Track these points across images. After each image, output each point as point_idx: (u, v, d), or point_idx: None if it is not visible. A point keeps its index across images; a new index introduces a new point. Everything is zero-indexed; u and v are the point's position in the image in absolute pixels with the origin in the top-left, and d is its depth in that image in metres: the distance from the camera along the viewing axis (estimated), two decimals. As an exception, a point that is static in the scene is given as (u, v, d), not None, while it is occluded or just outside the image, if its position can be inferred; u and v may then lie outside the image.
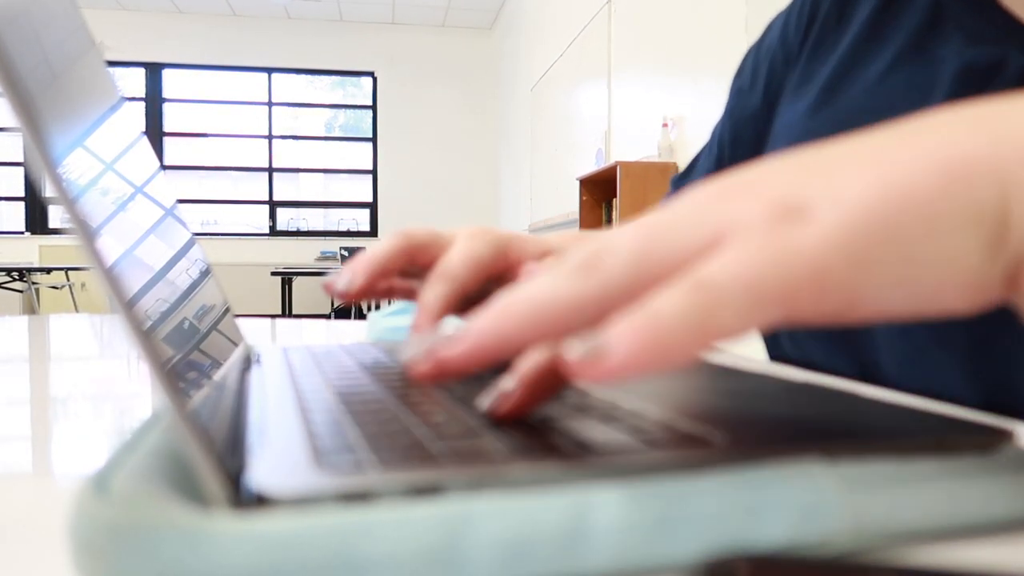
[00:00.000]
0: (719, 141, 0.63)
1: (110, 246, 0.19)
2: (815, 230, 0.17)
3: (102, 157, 0.24)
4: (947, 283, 0.18)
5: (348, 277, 0.39)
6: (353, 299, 0.39)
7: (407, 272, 0.42)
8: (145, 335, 0.16)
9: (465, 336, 0.20)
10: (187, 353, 0.23)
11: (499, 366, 0.21)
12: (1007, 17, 0.44)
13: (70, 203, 0.16)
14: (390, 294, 0.43)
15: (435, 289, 0.38)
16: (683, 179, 0.68)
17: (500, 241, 0.40)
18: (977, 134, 0.18)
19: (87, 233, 0.16)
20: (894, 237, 0.17)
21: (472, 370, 0.20)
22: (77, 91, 0.24)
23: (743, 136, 0.60)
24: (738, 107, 0.61)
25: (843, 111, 0.49)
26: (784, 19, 0.58)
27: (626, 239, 0.19)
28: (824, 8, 0.54)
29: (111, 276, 0.16)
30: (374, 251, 0.40)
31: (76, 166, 0.19)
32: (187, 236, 0.35)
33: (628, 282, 0.19)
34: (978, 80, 0.43)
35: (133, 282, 0.20)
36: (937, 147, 0.18)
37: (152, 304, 0.21)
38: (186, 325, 0.25)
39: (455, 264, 0.39)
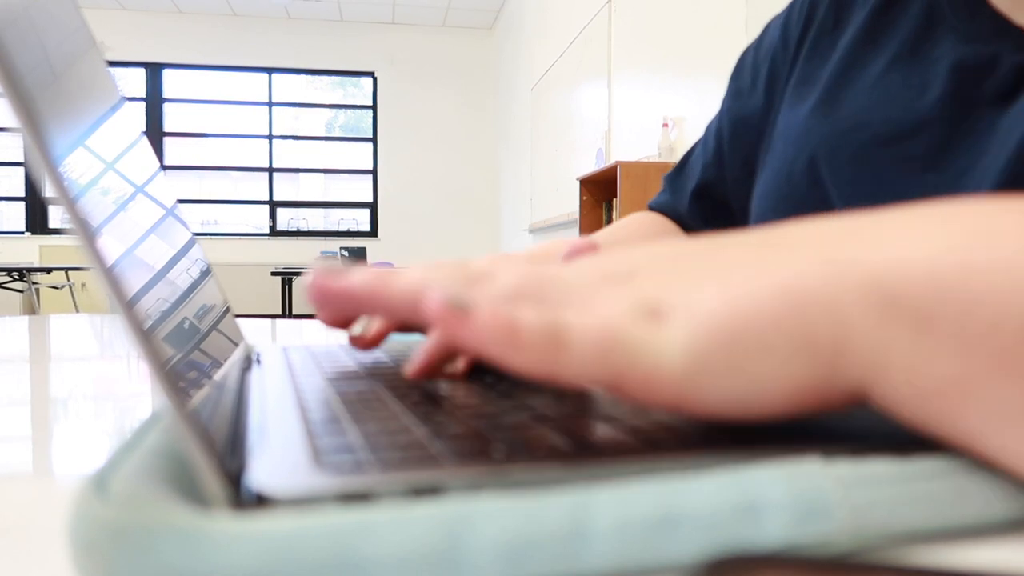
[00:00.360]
0: (717, 139, 0.63)
1: (110, 246, 0.19)
2: (664, 334, 0.19)
3: (102, 157, 0.24)
4: (773, 398, 0.19)
5: (363, 323, 0.36)
6: (366, 346, 0.36)
7: None
8: (145, 335, 0.16)
9: (347, 279, 0.23)
10: (187, 353, 0.23)
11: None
12: (999, 19, 0.44)
13: (70, 203, 0.16)
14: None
15: None
16: (677, 176, 0.68)
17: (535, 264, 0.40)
18: (822, 262, 0.20)
19: (87, 233, 0.16)
20: (728, 353, 0.19)
21: (337, 308, 0.24)
22: (77, 91, 0.24)
23: (744, 136, 0.60)
24: (737, 107, 0.61)
25: (844, 111, 0.49)
26: (784, 20, 0.59)
27: (512, 274, 0.22)
28: (821, 11, 0.55)
29: (111, 276, 0.16)
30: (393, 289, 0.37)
31: (76, 166, 0.19)
32: (187, 236, 0.35)
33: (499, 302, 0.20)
34: (971, 75, 0.44)
35: (133, 282, 0.20)
36: (784, 275, 0.20)
37: (152, 304, 0.21)
38: (186, 325, 0.25)
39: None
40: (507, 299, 0.21)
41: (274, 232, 6.84)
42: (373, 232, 7.00)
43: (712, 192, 0.64)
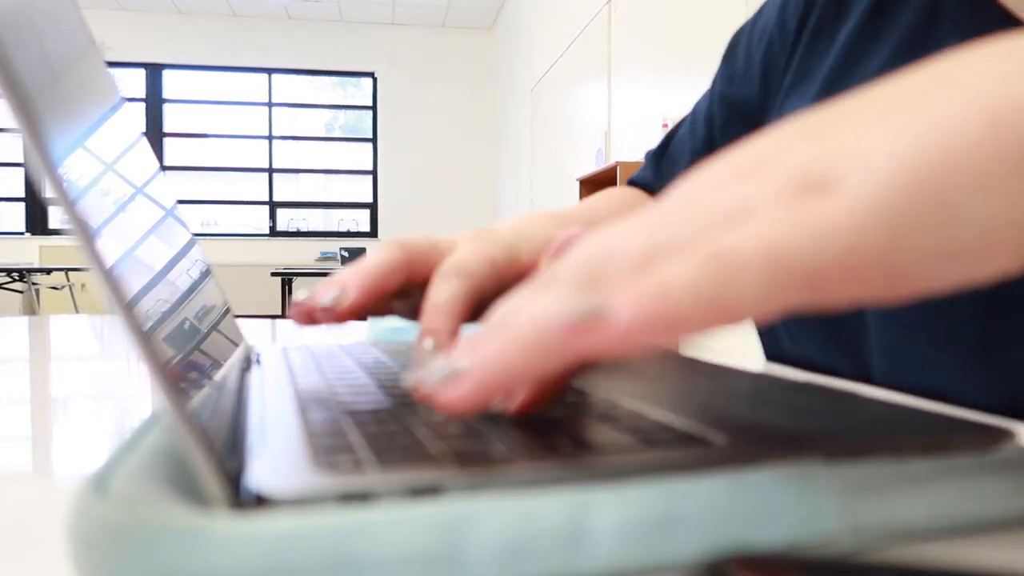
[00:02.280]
0: (708, 125, 0.61)
1: (110, 247, 0.19)
2: (844, 204, 0.15)
3: (102, 158, 0.24)
4: (998, 243, 0.16)
5: (335, 293, 0.31)
6: (342, 319, 0.31)
7: (404, 291, 0.35)
8: (145, 336, 0.16)
9: (468, 374, 0.18)
10: (187, 353, 0.23)
11: None
12: (1004, 15, 0.44)
13: (69, 204, 0.16)
14: (387, 312, 0.36)
15: (447, 286, 0.32)
16: (660, 155, 0.65)
17: (509, 242, 0.35)
18: (1016, 70, 0.16)
19: (87, 234, 0.16)
20: (936, 199, 0.15)
21: (479, 409, 0.18)
22: (77, 91, 0.24)
23: (737, 119, 0.59)
24: (730, 90, 0.60)
25: None
26: (782, 3, 0.57)
27: (630, 241, 0.17)
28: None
29: (111, 277, 0.16)
30: (367, 263, 0.33)
31: (76, 167, 0.19)
32: (187, 237, 0.35)
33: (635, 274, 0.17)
34: None
35: (133, 283, 0.20)
36: (977, 90, 0.16)
37: (152, 305, 0.21)
38: (186, 325, 0.25)
39: (468, 259, 0.33)
40: (643, 268, 0.16)
41: (274, 232, 6.84)
42: (373, 232, 6.99)
43: None
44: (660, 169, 0.65)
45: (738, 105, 0.59)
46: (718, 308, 0.15)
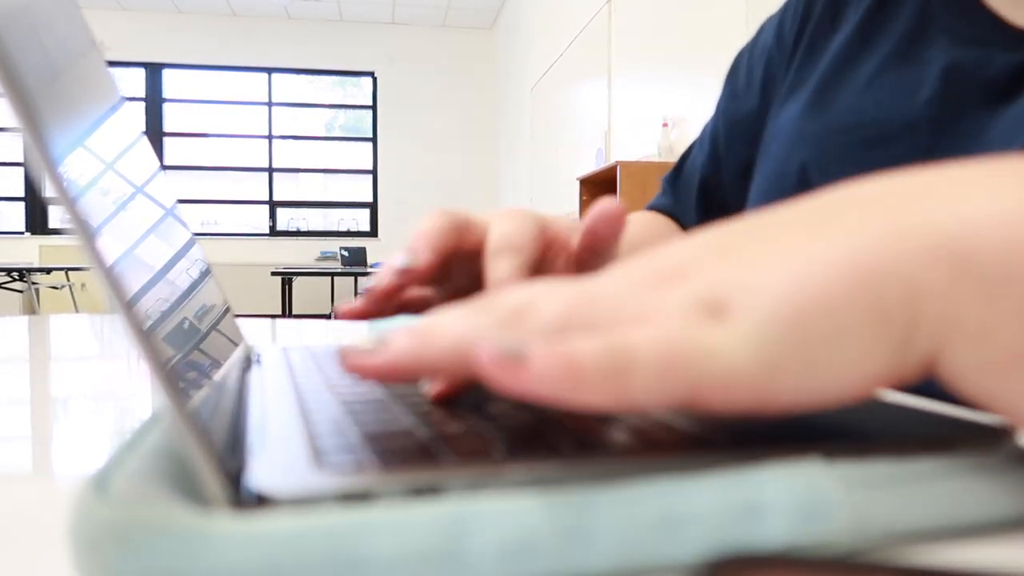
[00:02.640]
0: (713, 141, 0.63)
1: (110, 246, 0.19)
2: (729, 332, 0.18)
3: (102, 157, 0.24)
4: (853, 382, 0.18)
5: (410, 255, 0.33)
6: (421, 280, 0.33)
7: (443, 274, 0.36)
8: (145, 335, 0.16)
9: (385, 351, 0.20)
10: (187, 353, 0.23)
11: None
12: (992, 18, 0.44)
13: (70, 203, 0.16)
14: (401, 309, 0.37)
15: (503, 263, 0.33)
16: (675, 178, 0.67)
17: (539, 218, 0.37)
18: (887, 229, 0.19)
19: (87, 233, 0.16)
20: (803, 342, 0.18)
21: (384, 381, 0.21)
22: (77, 91, 0.23)
23: (739, 136, 0.60)
24: (732, 108, 0.61)
25: (834, 113, 0.49)
26: (779, 19, 0.59)
27: (555, 299, 0.20)
28: (818, 9, 0.55)
29: (111, 276, 0.16)
30: (426, 227, 0.35)
31: (76, 166, 0.19)
32: (187, 236, 0.35)
33: (550, 338, 0.19)
34: (963, 77, 0.43)
35: (133, 282, 0.20)
36: (847, 249, 0.19)
37: (152, 304, 0.21)
38: (186, 325, 0.25)
39: (514, 234, 0.34)
40: (558, 332, 0.19)
41: (274, 232, 6.84)
42: (373, 232, 7.00)
43: (712, 197, 0.63)
44: (676, 191, 0.67)
45: (740, 121, 0.60)
46: (615, 389, 0.17)
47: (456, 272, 0.37)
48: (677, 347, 0.18)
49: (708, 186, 0.63)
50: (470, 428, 0.22)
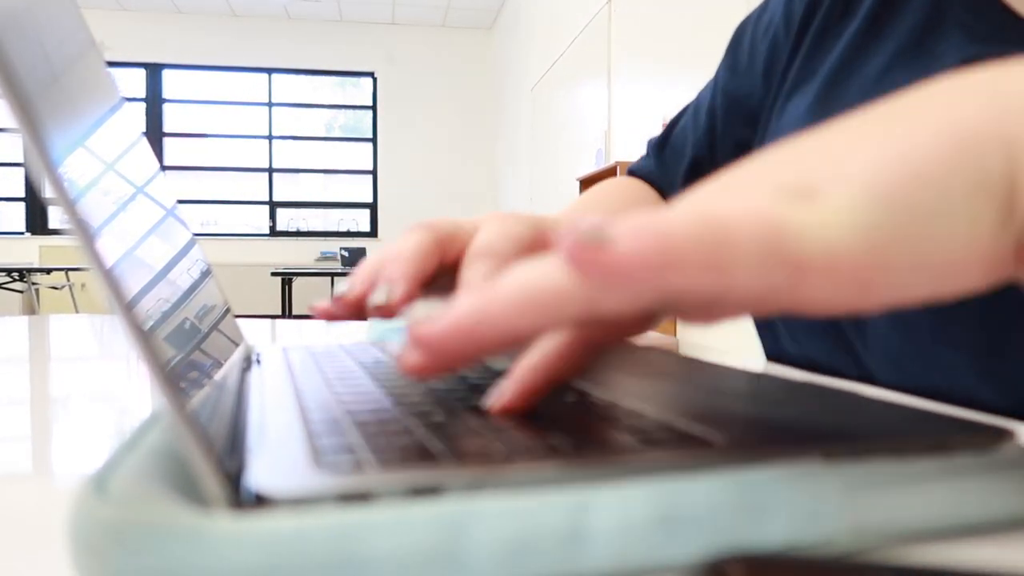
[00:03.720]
0: (710, 116, 0.61)
1: (110, 247, 0.19)
2: (826, 211, 0.17)
3: (102, 157, 0.24)
4: (962, 258, 0.17)
5: (385, 289, 0.31)
6: (395, 313, 0.31)
7: (432, 278, 0.34)
8: (144, 336, 0.16)
9: (445, 316, 0.19)
10: (187, 353, 0.23)
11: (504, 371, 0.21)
12: (1007, 14, 0.43)
13: (70, 204, 0.16)
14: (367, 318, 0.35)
15: (478, 267, 0.32)
16: (662, 145, 0.65)
17: (533, 220, 0.35)
18: (982, 101, 0.18)
19: (87, 234, 0.16)
20: (907, 214, 0.17)
21: (455, 355, 0.19)
22: (77, 91, 0.24)
23: (738, 114, 0.59)
24: (733, 84, 0.59)
25: (842, 109, 0.48)
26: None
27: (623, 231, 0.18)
28: None
29: (111, 277, 0.16)
30: (402, 250, 0.32)
31: (76, 167, 0.19)
32: (187, 236, 0.35)
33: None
34: None
35: (133, 283, 0.20)
36: (943, 118, 0.17)
37: (152, 304, 0.21)
38: (187, 325, 0.25)
39: (495, 239, 0.33)
40: (646, 214, 0.17)
41: (274, 232, 6.84)
42: (373, 232, 6.99)
43: (703, 172, 0.61)
44: (663, 159, 0.65)
45: (740, 99, 0.59)
46: (713, 266, 0.16)
47: (441, 280, 0.35)
48: (776, 224, 0.16)
49: (701, 165, 0.61)
50: (470, 428, 0.22)
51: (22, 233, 6.35)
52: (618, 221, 0.16)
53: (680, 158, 0.63)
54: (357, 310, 0.32)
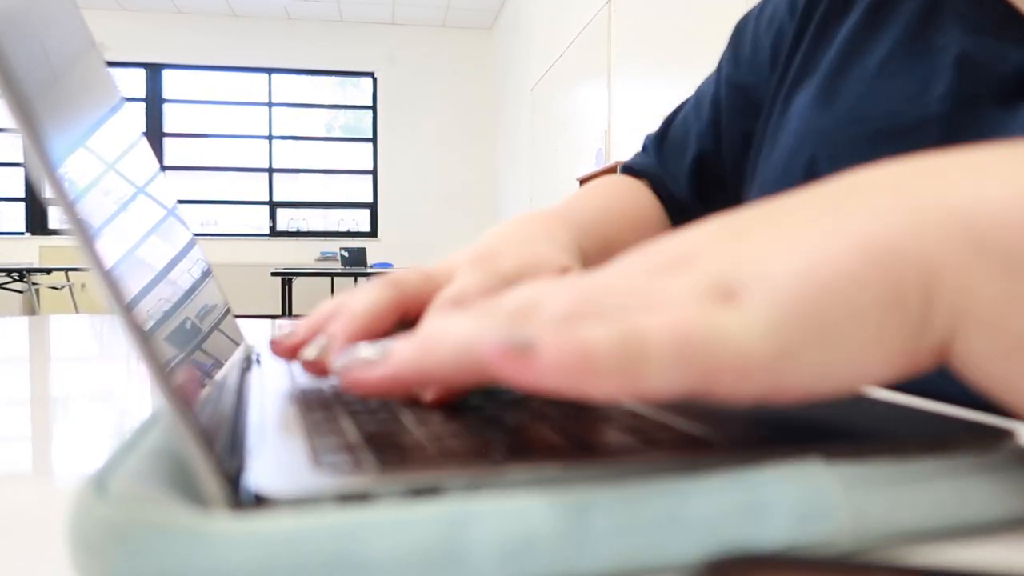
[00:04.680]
0: (714, 108, 0.60)
1: (110, 248, 0.19)
2: (743, 316, 0.18)
3: (102, 158, 0.24)
4: (869, 365, 0.18)
5: (321, 343, 0.30)
6: (322, 371, 0.30)
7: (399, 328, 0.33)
8: (144, 336, 0.16)
9: (386, 363, 0.20)
10: (188, 353, 0.23)
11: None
12: (1005, 6, 0.43)
13: (69, 205, 0.16)
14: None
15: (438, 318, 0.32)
16: (661, 139, 0.64)
17: (511, 275, 0.35)
18: (900, 213, 0.18)
19: (87, 235, 0.16)
20: (817, 322, 0.17)
21: (386, 395, 0.20)
22: (77, 91, 0.24)
23: (744, 106, 0.58)
24: (737, 75, 0.59)
25: (843, 104, 0.48)
26: None
27: (560, 295, 0.19)
28: None
29: (110, 279, 0.16)
30: (355, 308, 0.31)
31: (76, 167, 0.19)
32: (188, 237, 0.35)
33: (559, 327, 0.18)
34: (977, 72, 0.42)
35: (133, 283, 0.20)
36: (862, 229, 0.18)
37: (152, 305, 0.21)
38: (187, 326, 0.25)
39: (466, 292, 0.32)
40: (567, 323, 0.18)
41: (274, 232, 6.84)
42: (373, 232, 6.99)
43: (708, 165, 0.60)
44: (663, 154, 0.64)
45: (746, 90, 0.58)
46: (628, 378, 0.17)
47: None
48: (691, 332, 0.17)
49: (706, 158, 0.60)
50: (469, 428, 0.22)
51: (22, 233, 6.35)
52: (545, 322, 0.17)
53: (683, 152, 0.62)
54: (292, 356, 0.31)
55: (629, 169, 0.66)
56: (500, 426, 0.22)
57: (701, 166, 0.61)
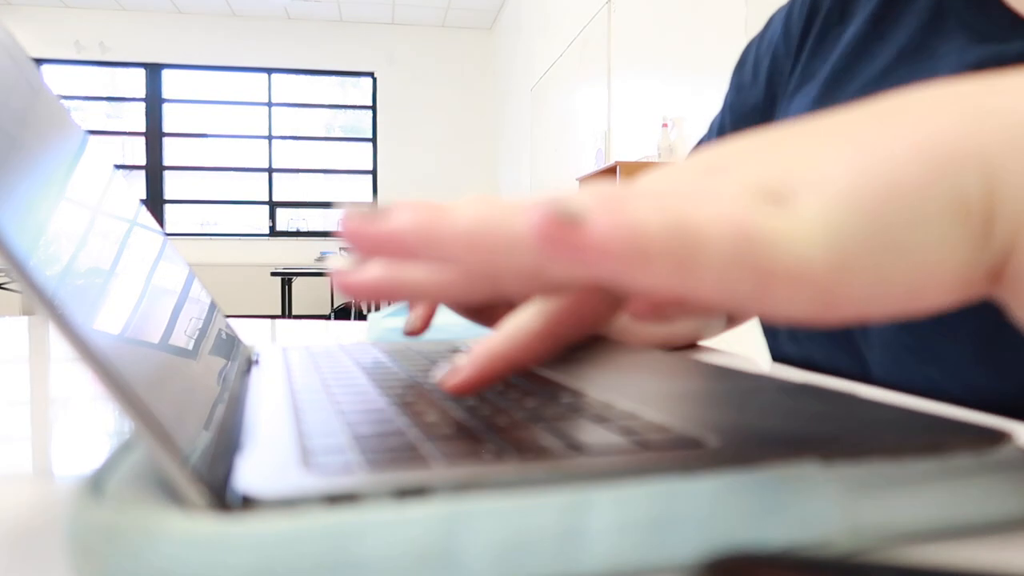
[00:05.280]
0: (719, 133, 0.62)
1: (78, 309, 0.19)
2: (796, 218, 0.16)
3: (75, 212, 0.22)
4: (930, 279, 0.17)
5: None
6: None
7: None
8: (101, 362, 0.16)
9: (388, 220, 0.18)
10: (163, 357, 0.23)
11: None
12: (1010, 14, 0.43)
13: (38, 291, 0.15)
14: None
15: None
16: None
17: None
18: (963, 117, 0.17)
19: (42, 297, 0.15)
20: (877, 229, 0.16)
21: (386, 256, 0.18)
22: (37, 147, 0.22)
23: (747, 127, 0.60)
24: (739, 101, 0.61)
25: (843, 106, 0.48)
26: (787, 12, 0.58)
27: (590, 201, 0.17)
28: (826, 3, 0.54)
29: (85, 345, 0.15)
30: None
31: (53, 230, 0.19)
32: (158, 241, 0.34)
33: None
34: (980, 71, 0.42)
35: (105, 331, 0.20)
36: (922, 132, 0.17)
37: (129, 348, 0.21)
38: (162, 329, 0.25)
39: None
40: (618, 201, 0.16)
41: (274, 232, 6.83)
42: (373, 232, 6.98)
43: None
44: None
45: (746, 113, 0.60)
46: (682, 269, 0.16)
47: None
48: (749, 229, 0.16)
49: None
50: (460, 429, 0.22)
51: (22, 233, 6.34)
52: (591, 199, 0.16)
53: None
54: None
55: None
56: (493, 427, 0.22)
57: None
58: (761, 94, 0.58)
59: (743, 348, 0.59)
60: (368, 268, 0.19)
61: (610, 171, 3.24)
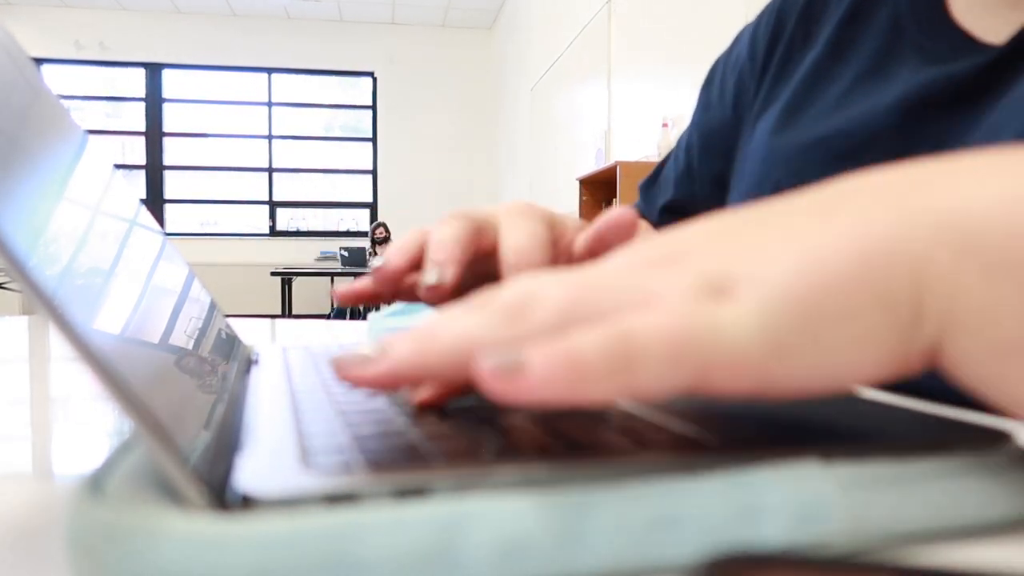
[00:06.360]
0: (686, 150, 0.63)
1: (68, 295, 0.19)
2: (736, 312, 0.18)
3: (75, 212, 0.22)
4: (860, 364, 0.18)
5: (437, 271, 0.32)
6: (442, 297, 0.32)
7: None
8: (99, 361, 0.16)
9: (385, 359, 0.20)
10: (164, 359, 0.23)
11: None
12: (960, 33, 0.44)
13: (38, 291, 0.15)
14: (397, 296, 0.36)
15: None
16: (649, 186, 0.67)
17: (547, 219, 0.36)
18: (898, 215, 0.19)
19: (42, 297, 0.15)
20: (810, 323, 0.18)
21: (383, 389, 0.21)
22: (36, 146, 0.22)
23: (712, 148, 0.60)
24: (705, 119, 0.61)
25: (803, 130, 0.49)
26: (752, 31, 0.58)
27: (555, 292, 0.20)
28: (790, 26, 0.54)
29: (89, 350, 0.15)
30: (445, 235, 0.33)
31: (53, 230, 0.19)
32: (158, 242, 0.34)
33: (550, 336, 0.18)
34: (928, 88, 0.43)
35: (96, 313, 0.20)
36: (858, 231, 0.18)
37: (132, 348, 0.21)
38: (162, 331, 0.25)
39: (530, 251, 0.33)
40: (559, 328, 0.18)
41: (274, 232, 6.83)
42: (373, 232, 6.99)
43: (683, 208, 0.63)
44: (647, 197, 0.67)
45: (712, 132, 0.60)
46: (620, 380, 0.17)
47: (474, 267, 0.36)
48: (683, 330, 0.17)
49: (678, 200, 0.63)
50: (461, 429, 0.22)
51: (22, 233, 6.34)
52: (532, 344, 0.17)
53: (660, 196, 0.65)
54: (394, 285, 0.34)
55: None
56: (492, 427, 0.22)
57: (673, 209, 0.64)
58: (728, 112, 0.59)
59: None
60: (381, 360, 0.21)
61: (610, 171, 3.24)
